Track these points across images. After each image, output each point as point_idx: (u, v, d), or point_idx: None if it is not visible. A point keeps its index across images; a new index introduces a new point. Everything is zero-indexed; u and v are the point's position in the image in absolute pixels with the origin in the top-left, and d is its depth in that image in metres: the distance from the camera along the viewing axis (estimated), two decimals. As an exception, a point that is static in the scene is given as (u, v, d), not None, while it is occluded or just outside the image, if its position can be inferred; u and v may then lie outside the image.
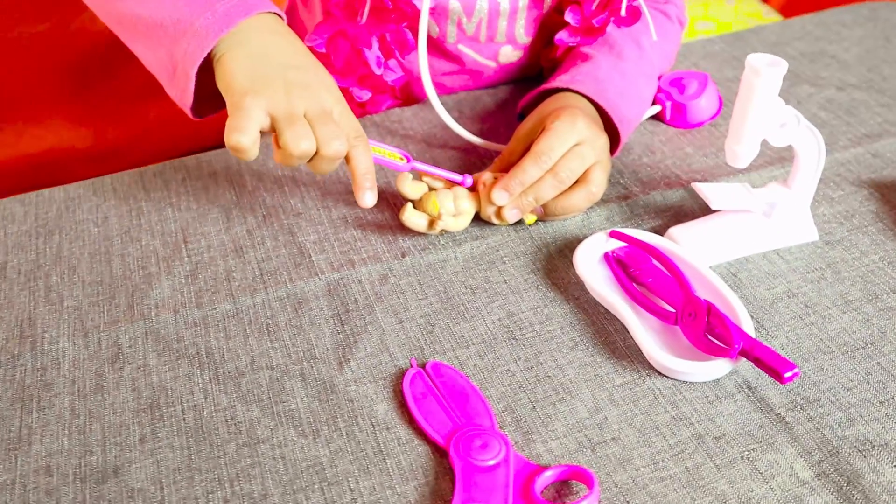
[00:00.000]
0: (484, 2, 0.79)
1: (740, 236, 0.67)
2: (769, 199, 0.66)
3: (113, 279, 0.67)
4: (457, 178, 0.68)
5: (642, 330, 0.59)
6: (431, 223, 0.67)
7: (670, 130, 0.81)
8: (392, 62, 0.78)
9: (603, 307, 0.63)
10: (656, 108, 0.82)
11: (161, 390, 0.58)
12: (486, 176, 0.68)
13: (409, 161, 0.68)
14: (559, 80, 0.74)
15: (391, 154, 0.67)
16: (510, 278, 0.66)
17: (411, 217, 0.67)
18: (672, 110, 0.81)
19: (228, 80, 0.60)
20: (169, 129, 1.46)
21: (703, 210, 0.70)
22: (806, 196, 0.66)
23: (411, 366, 0.59)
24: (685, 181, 0.74)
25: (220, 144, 1.28)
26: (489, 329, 0.62)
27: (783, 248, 0.67)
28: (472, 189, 0.69)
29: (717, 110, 0.82)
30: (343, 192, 0.75)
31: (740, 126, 0.62)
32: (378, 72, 0.77)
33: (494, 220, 0.69)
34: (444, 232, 0.68)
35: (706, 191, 0.65)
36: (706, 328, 0.57)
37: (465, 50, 0.83)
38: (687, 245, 0.66)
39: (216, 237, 0.70)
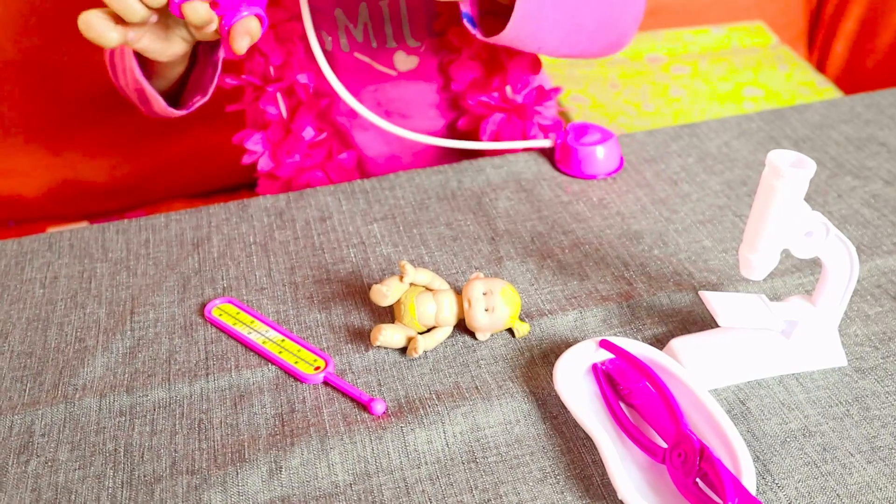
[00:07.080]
0: (364, 8, 0.79)
1: (753, 356, 0.58)
2: (789, 317, 0.57)
3: (45, 351, 0.60)
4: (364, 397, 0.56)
5: (621, 467, 0.50)
6: (409, 343, 0.59)
7: (687, 219, 0.72)
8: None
9: (583, 431, 0.54)
10: (546, 143, 0.81)
11: (64, 493, 0.51)
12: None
13: (326, 367, 0.58)
14: None
15: (306, 356, 0.59)
16: (483, 384, 0.57)
17: (387, 337, 0.58)
18: (560, 151, 0.79)
19: None
20: (186, 167, 1.42)
21: (715, 319, 0.61)
22: (833, 315, 0.57)
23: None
24: (698, 283, 0.65)
25: (235, 186, 1.21)
26: (447, 444, 0.53)
27: (804, 374, 0.58)
28: (457, 292, 0.61)
29: (616, 167, 0.79)
30: (316, 266, 0.67)
31: (757, 233, 0.53)
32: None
33: (479, 336, 0.60)
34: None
35: (714, 302, 0.56)
36: (697, 473, 0.48)
37: (362, 57, 0.83)
38: (689, 362, 0.57)
39: (167, 309, 0.64)
